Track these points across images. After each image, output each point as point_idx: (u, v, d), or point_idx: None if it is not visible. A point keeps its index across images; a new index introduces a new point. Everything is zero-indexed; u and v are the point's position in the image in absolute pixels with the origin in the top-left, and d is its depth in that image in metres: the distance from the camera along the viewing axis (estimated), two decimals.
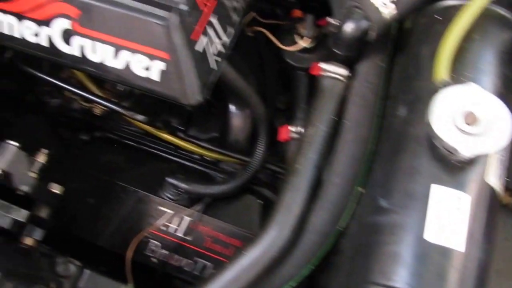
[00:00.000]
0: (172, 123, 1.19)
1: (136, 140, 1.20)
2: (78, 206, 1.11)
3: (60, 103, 1.25)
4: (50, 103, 1.25)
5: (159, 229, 1.08)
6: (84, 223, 1.11)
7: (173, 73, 0.82)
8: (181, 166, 1.15)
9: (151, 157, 1.17)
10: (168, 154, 1.18)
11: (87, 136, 1.18)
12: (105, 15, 0.80)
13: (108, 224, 1.11)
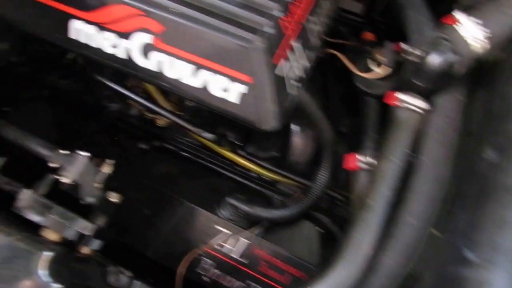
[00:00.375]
0: (229, 137, 1.17)
1: (193, 153, 1.19)
2: (133, 216, 1.10)
3: (119, 108, 1.24)
4: (109, 107, 1.25)
5: (214, 248, 1.06)
6: (137, 234, 1.10)
7: (252, 97, 0.80)
8: (237, 184, 1.13)
9: (208, 171, 1.16)
10: (225, 169, 1.16)
11: (146, 145, 1.17)
12: (189, 33, 0.78)
13: (161, 236, 1.10)
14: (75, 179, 0.84)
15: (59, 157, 0.86)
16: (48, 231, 0.86)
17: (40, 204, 0.86)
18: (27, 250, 0.82)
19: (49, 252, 0.83)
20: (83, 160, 0.86)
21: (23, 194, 0.85)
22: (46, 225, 0.85)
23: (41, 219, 0.85)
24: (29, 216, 0.84)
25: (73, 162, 0.85)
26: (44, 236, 0.86)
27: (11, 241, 0.82)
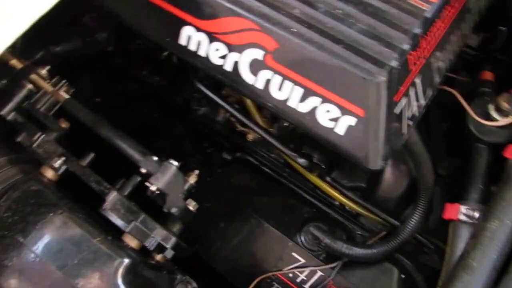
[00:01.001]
0: (314, 159, 1.10)
1: (275, 170, 1.14)
2: (207, 226, 1.07)
3: (207, 113, 1.22)
4: (197, 111, 1.23)
5: (286, 275, 1.01)
6: (208, 245, 1.07)
7: (361, 131, 0.74)
8: (318, 210, 1.07)
9: (288, 192, 1.11)
10: (306, 193, 1.11)
11: (229, 156, 1.14)
12: (305, 55, 0.73)
13: (233, 252, 1.06)
14: (162, 188, 0.82)
15: (150, 163, 0.84)
16: (130, 237, 0.84)
17: (125, 208, 0.84)
18: (108, 254, 0.80)
19: (128, 259, 0.82)
20: (173, 169, 0.83)
21: (111, 197, 0.84)
22: (129, 231, 0.83)
23: (124, 225, 0.83)
24: (113, 220, 0.83)
25: (163, 170, 0.83)
26: (125, 241, 0.84)
27: (94, 243, 0.81)
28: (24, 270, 0.80)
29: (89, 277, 0.79)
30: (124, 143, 0.86)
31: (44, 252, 0.80)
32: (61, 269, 0.79)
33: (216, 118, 1.22)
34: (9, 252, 0.80)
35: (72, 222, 0.82)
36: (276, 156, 1.17)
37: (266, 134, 0.96)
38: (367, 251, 0.95)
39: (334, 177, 1.10)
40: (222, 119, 1.22)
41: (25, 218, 0.82)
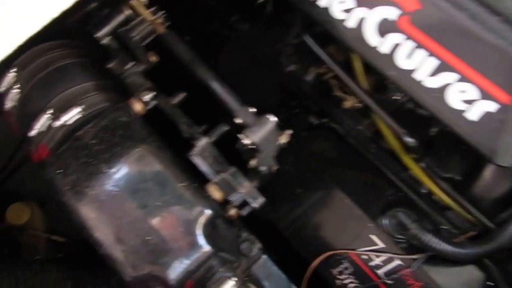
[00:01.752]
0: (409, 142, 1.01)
1: (362, 144, 1.06)
2: (283, 190, 1.02)
3: (296, 70, 1.14)
4: (286, 66, 1.15)
5: (359, 255, 0.95)
6: (279, 209, 1.02)
7: (500, 121, 0.65)
8: (403, 195, 0.99)
9: (374, 170, 1.03)
10: (392, 174, 1.02)
11: (316, 121, 1.07)
12: (451, 24, 0.64)
13: (306, 222, 1.01)
14: (258, 142, 0.76)
15: (248, 114, 0.78)
16: (214, 188, 0.80)
17: (213, 157, 0.80)
18: (191, 201, 0.77)
19: (210, 211, 0.78)
20: (271, 124, 0.77)
21: (201, 142, 0.79)
22: (216, 182, 0.79)
23: (212, 174, 0.79)
24: (201, 167, 0.79)
25: (261, 124, 0.77)
26: (209, 191, 0.80)
27: (179, 187, 0.77)
28: (104, 201, 0.77)
29: (168, 221, 0.76)
30: (221, 88, 0.80)
31: (126, 187, 0.77)
32: (142, 208, 0.76)
33: (305, 77, 1.14)
34: (91, 180, 0.78)
35: (159, 161, 0.79)
36: (363, 129, 1.09)
37: (375, 103, 0.87)
38: (458, 250, 0.87)
39: (428, 164, 1.01)
40: (311, 80, 1.15)
41: (111, 149, 0.79)
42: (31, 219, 1.64)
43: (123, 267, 0.75)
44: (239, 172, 0.79)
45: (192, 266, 0.76)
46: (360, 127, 1.08)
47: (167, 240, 0.75)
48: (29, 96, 0.94)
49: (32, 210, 1.64)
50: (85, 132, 0.81)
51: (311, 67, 1.14)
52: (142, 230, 0.75)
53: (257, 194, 0.79)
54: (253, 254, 1.00)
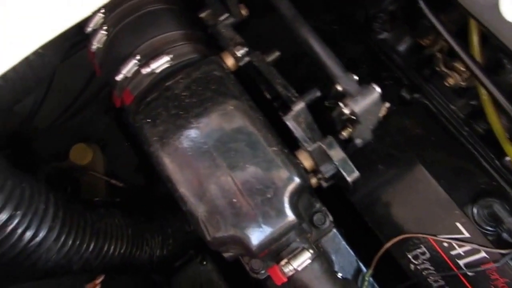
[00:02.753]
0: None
1: (454, 125, 0.99)
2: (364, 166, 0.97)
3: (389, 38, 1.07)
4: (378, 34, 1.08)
5: (440, 242, 0.91)
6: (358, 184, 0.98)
7: None
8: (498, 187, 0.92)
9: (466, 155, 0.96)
10: (486, 160, 0.95)
11: (408, 96, 1.00)
12: None
13: (385, 200, 0.97)
14: (359, 113, 0.71)
15: (351, 82, 0.73)
16: (305, 156, 0.76)
17: (307, 123, 0.76)
18: (281, 167, 0.74)
19: (299, 179, 0.75)
20: (375, 95, 0.72)
21: (298, 106, 0.75)
22: (309, 150, 0.75)
23: (306, 140, 0.75)
24: (296, 132, 0.75)
25: (365, 94, 0.72)
26: (299, 159, 0.77)
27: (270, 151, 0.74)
28: (192, 156, 0.75)
29: (256, 185, 0.73)
30: (324, 51, 0.75)
31: (216, 145, 0.75)
32: (231, 168, 0.74)
33: (398, 48, 1.07)
34: (181, 133, 0.76)
35: (252, 122, 0.75)
36: (456, 110, 1.02)
37: (489, 81, 0.79)
38: None
39: None
40: (404, 51, 1.07)
41: (203, 103, 0.77)
42: (93, 161, 1.67)
43: (205, 227, 0.73)
44: (335, 143, 0.75)
45: (275, 234, 0.73)
46: (454, 107, 1.01)
47: (253, 205, 0.73)
48: (116, 39, 0.92)
49: (94, 151, 1.67)
50: (176, 83, 0.79)
51: (406, 36, 1.06)
52: (229, 191, 0.73)
53: (352, 168, 0.75)
54: (325, 226, 0.97)
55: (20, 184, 0.93)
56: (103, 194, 1.68)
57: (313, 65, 0.95)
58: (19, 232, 0.90)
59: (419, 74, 1.04)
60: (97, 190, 1.68)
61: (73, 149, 1.63)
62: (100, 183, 1.68)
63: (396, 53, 1.07)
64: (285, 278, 0.82)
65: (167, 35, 0.88)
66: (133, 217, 1.29)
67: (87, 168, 1.65)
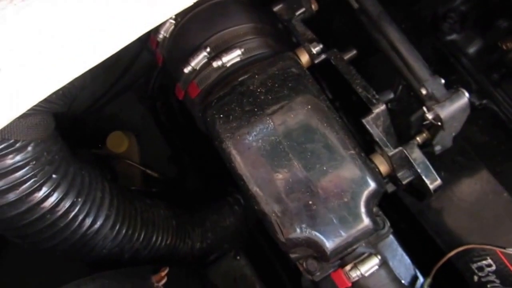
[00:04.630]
0: None
1: None
2: None
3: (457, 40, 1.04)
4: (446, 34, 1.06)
5: (508, 255, 0.89)
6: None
7: None
8: None
9: None
10: None
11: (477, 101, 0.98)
12: None
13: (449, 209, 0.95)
14: (445, 119, 0.70)
15: (438, 86, 0.71)
16: (381, 160, 0.75)
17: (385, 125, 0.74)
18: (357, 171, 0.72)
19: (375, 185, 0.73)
20: (464, 101, 0.70)
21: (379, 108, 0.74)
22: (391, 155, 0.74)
23: (385, 144, 0.74)
24: (374, 135, 0.74)
25: (453, 99, 0.70)
26: (375, 162, 0.76)
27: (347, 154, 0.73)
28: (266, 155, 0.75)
29: (333, 188, 0.73)
30: (411, 53, 0.73)
31: (292, 145, 0.74)
32: (308, 169, 0.73)
33: (468, 50, 1.05)
34: (256, 131, 0.75)
35: (329, 123, 0.75)
36: None
37: None
38: None
39: None
40: (474, 53, 1.05)
41: (279, 100, 0.76)
42: (129, 149, 1.67)
43: (279, 227, 0.73)
44: (417, 148, 0.73)
45: (350, 239, 0.73)
46: None
47: (330, 208, 0.72)
48: (185, 29, 0.91)
49: (130, 140, 1.68)
50: (251, 78, 0.78)
51: (477, 38, 1.04)
52: (305, 192, 0.72)
53: (435, 175, 0.73)
54: (383, 231, 0.96)
55: (80, 172, 0.94)
56: (139, 184, 1.68)
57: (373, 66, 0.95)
58: (80, 218, 0.91)
59: (489, 79, 1.02)
60: (133, 179, 1.68)
61: (110, 137, 1.64)
62: (136, 172, 1.68)
63: (465, 56, 1.05)
64: (349, 283, 0.82)
65: (238, 28, 0.87)
66: (175, 209, 1.30)
67: (123, 157, 1.66)
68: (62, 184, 0.87)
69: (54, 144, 0.88)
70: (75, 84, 0.90)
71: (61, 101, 0.89)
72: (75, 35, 0.60)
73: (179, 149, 1.76)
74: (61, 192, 0.87)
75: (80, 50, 0.61)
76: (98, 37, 0.62)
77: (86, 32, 0.60)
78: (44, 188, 0.83)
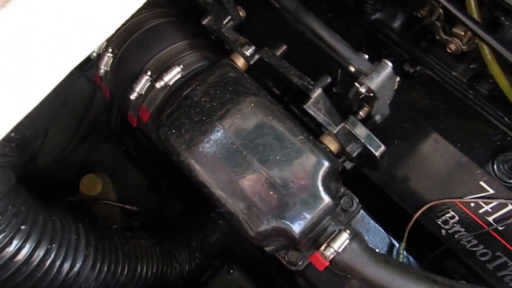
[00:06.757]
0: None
1: (460, 90, 1.03)
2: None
3: (381, 17, 1.11)
4: (370, 14, 1.12)
5: (466, 203, 0.94)
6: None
7: None
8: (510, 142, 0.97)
9: (476, 117, 1.00)
10: (494, 118, 1.00)
11: (412, 69, 1.04)
12: None
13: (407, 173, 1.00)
14: (376, 89, 0.75)
15: (363, 61, 0.77)
16: (329, 139, 0.80)
17: (326, 108, 0.79)
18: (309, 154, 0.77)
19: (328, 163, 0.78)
20: (388, 70, 0.76)
21: (316, 93, 0.79)
22: (334, 132, 0.78)
23: (329, 124, 0.78)
24: (318, 118, 0.78)
25: (378, 70, 0.75)
26: (325, 143, 0.80)
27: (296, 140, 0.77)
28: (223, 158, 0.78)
29: (290, 175, 0.77)
30: (332, 36, 0.79)
31: (244, 143, 0.78)
32: (263, 163, 0.77)
33: (393, 25, 1.11)
34: (208, 138, 0.79)
35: (274, 115, 0.79)
36: (459, 75, 1.06)
37: (492, 38, 0.82)
38: None
39: None
40: (399, 26, 1.11)
41: (224, 105, 0.80)
42: (104, 190, 1.69)
43: (248, 223, 0.76)
44: (358, 121, 0.78)
45: (315, 218, 0.77)
46: (456, 73, 1.06)
47: (291, 194, 0.76)
48: (123, 59, 0.95)
49: (103, 181, 1.69)
50: (193, 90, 0.82)
51: (399, 13, 1.11)
52: (264, 185, 0.76)
53: (378, 142, 0.78)
54: (353, 209, 1.00)
55: (50, 218, 0.95)
56: (119, 221, 1.69)
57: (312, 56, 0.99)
58: (58, 264, 0.93)
59: (418, 47, 1.08)
60: (113, 217, 1.70)
61: (82, 181, 1.65)
62: (114, 210, 1.70)
63: (392, 31, 1.12)
64: (327, 262, 0.85)
65: (174, 46, 0.91)
66: (157, 236, 1.31)
67: (99, 198, 1.67)
68: (33, 233, 0.88)
69: (17, 196, 0.89)
70: (27, 133, 0.92)
71: (16, 153, 0.90)
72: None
73: (155, 177, 1.78)
74: (33, 242, 0.88)
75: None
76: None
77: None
78: (14, 241, 0.84)
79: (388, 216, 1.07)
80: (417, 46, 1.09)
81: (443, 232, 1.00)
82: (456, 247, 0.99)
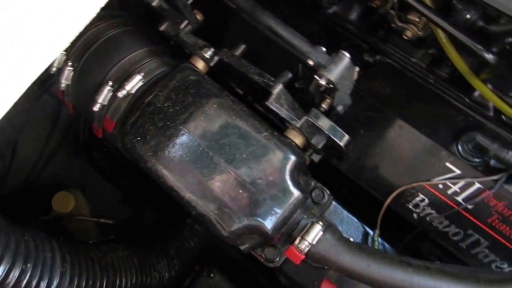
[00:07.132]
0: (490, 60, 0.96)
1: (420, 75, 1.06)
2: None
3: (338, 10, 1.13)
4: (327, 8, 1.14)
5: (435, 186, 0.97)
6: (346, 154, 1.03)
7: None
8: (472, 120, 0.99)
9: (438, 100, 1.03)
10: (456, 100, 1.03)
11: (371, 58, 1.07)
12: None
13: (375, 161, 1.02)
14: (335, 81, 0.76)
15: (321, 54, 0.78)
16: (294, 134, 0.80)
17: (289, 102, 0.80)
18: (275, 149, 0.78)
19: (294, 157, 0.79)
20: (346, 61, 0.77)
21: (277, 89, 0.80)
22: (297, 126, 0.79)
23: (292, 119, 0.79)
24: (281, 113, 0.79)
25: (336, 62, 0.77)
26: (289, 137, 0.81)
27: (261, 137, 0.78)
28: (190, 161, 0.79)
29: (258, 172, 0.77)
30: (289, 32, 0.80)
31: (210, 144, 0.78)
32: (230, 162, 0.77)
33: (349, 17, 1.13)
34: (173, 142, 0.79)
35: (238, 114, 0.80)
36: (418, 61, 1.09)
37: (446, 23, 0.84)
38: None
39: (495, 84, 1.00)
40: (356, 18, 1.13)
41: (187, 108, 0.80)
42: (77, 206, 1.67)
43: (220, 224, 0.76)
44: (320, 113, 0.79)
45: (286, 213, 0.77)
46: (415, 59, 1.08)
47: (260, 191, 0.77)
48: (84, 71, 0.94)
49: (76, 196, 1.67)
50: (155, 97, 0.82)
51: (354, 4, 1.13)
52: (233, 184, 0.76)
53: (342, 132, 0.80)
54: (324, 201, 1.01)
55: (23, 238, 0.93)
56: (95, 235, 1.67)
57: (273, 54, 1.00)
58: (34, 284, 0.91)
59: (376, 37, 1.11)
60: (89, 232, 1.68)
61: (54, 199, 1.63)
62: (89, 225, 1.68)
63: (349, 23, 1.14)
64: (302, 255, 0.86)
65: (133, 55, 0.91)
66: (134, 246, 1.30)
67: (73, 214, 1.65)
68: (6, 255, 0.87)
69: None
70: None
71: None
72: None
73: (128, 188, 1.77)
74: (7, 263, 0.86)
75: None
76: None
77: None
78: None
79: (360, 205, 1.09)
80: (375, 35, 1.11)
81: (415, 216, 1.02)
82: (429, 229, 1.02)
